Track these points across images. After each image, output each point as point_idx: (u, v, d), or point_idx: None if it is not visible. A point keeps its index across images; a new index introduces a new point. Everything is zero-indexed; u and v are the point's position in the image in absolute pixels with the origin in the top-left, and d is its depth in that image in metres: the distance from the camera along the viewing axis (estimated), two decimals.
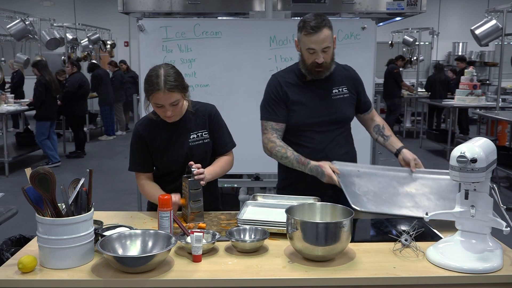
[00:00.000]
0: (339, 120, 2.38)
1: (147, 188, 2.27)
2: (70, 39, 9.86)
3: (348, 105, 2.40)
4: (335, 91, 2.36)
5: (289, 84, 2.35)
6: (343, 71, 2.43)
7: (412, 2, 3.77)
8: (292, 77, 2.37)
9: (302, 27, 2.21)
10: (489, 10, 6.62)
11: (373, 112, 2.55)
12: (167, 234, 1.77)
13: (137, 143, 2.26)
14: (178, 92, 2.09)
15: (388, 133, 2.48)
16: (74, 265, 1.66)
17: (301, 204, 1.94)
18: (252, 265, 1.69)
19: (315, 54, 2.21)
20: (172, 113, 2.14)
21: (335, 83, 2.38)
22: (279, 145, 2.32)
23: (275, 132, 2.35)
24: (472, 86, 7.80)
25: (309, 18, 2.20)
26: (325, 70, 2.27)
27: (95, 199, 1.79)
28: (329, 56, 2.26)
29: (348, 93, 2.39)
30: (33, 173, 1.63)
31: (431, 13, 11.72)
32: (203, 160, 2.25)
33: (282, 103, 2.34)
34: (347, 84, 2.40)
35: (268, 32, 3.63)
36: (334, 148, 2.36)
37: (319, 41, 2.18)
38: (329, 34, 2.20)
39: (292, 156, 2.29)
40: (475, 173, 1.64)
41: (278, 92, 2.35)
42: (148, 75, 2.11)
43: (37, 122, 7.24)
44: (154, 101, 2.10)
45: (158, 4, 3.84)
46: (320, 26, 2.17)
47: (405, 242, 1.81)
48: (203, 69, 3.68)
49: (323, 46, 2.20)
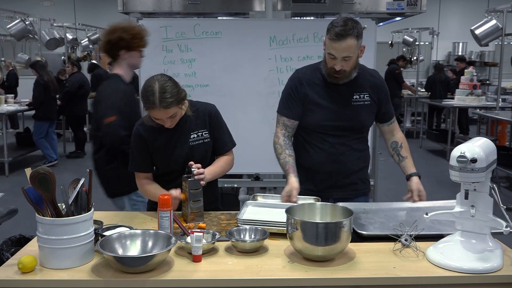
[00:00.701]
0: (356, 127, 2.34)
1: (147, 187, 2.28)
2: (70, 39, 9.85)
3: (367, 113, 2.35)
4: (356, 97, 2.31)
5: (311, 83, 2.32)
6: (369, 77, 2.35)
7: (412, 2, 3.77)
8: (316, 76, 2.33)
9: (328, 30, 2.14)
10: (489, 10, 6.63)
11: (393, 126, 2.46)
12: (167, 234, 1.77)
13: (137, 143, 2.26)
14: (175, 106, 2.08)
15: (405, 154, 2.40)
16: (74, 265, 1.66)
17: (301, 204, 1.94)
18: (252, 265, 1.69)
19: (334, 60, 2.16)
20: (171, 123, 2.15)
21: (357, 88, 2.31)
22: (279, 144, 2.34)
23: (285, 128, 2.36)
24: (472, 86, 7.80)
25: (337, 23, 2.11)
26: (343, 77, 2.23)
27: (95, 199, 1.79)
28: (350, 65, 2.19)
29: (370, 100, 2.33)
30: (33, 173, 1.63)
31: (431, 13, 11.71)
32: (203, 159, 2.25)
33: (299, 101, 2.32)
34: (370, 91, 2.33)
35: (268, 32, 3.63)
36: (346, 153, 2.34)
37: (341, 49, 2.11)
38: (353, 44, 2.11)
39: (282, 160, 2.31)
40: (475, 173, 1.64)
41: (297, 89, 2.33)
42: (143, 90, 2.08)
43: (36, 122, 7.25)
44: (152, 115, 2.12)
45: (158, 4, 3.84)
46: (345, 35, 2.08)
47: (405, 242, 1.81)
48: (203, 69, 3.67)
49: (344, 55, 2.13)
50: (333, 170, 2.33)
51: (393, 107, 2.53)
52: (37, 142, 7.26)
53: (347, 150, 2.34)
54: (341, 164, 2.32)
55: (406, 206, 2.30)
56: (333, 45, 2.12)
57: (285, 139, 2.36)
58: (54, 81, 7.35)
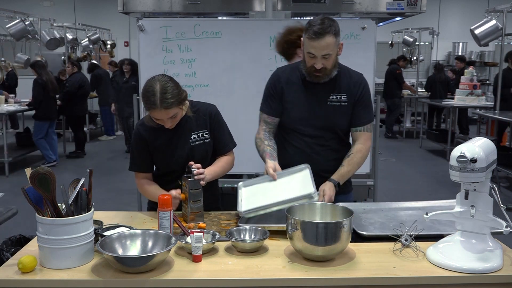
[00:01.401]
0: (331, 128, 2.32)
1: (146, 187, 2.28)
2: (70, 39, 9.85)
3: (341, 114, 2.31)
4: (332, 97, 2.30)
5: (289, 81, 2.34)
6: (349, 78, 2.32)
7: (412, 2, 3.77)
8: (295, 74, 2.35)
9: (306, 29, 2.16)
10: (489, 10, 6.62)
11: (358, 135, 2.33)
12: (167, 234, 1.77)
13: (138, 143, 2.26)
14: (176, 107, 2.09)
15: (344, 163, 2.28)
16: (74, 265, 1.66)
17: (301, 204, 1.94)
18: (252, 265, 1.69)
19: (314, 59, 2.17)
20: (171, 124, 2.15)
21: (335, 89, 2.30)
22: (259, 138, 2.39)
23: (266, 124, 2.41)
24: (472, 86, 7.80)
25: (315, 22, 2.13)
26: (323, 76, 2.23)
27: (95, 199, 1.79)
28: (330, 63, 2.20)
29: (347, 102, 2.30)
30: (33, 173, 1.63)
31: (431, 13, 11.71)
32: (204, 160, 2.25)
33: (277, 99, 2.36)
34: (348, 92, 2.30)
35: (268, 32, 3.63)
36: (322, 153, 2.33)
37: (320, 48, 2.13)
38: (332, 42, 2.12)
39: (261, 151, 2.34)
40: (475, 173, 1.64)
41: (276, 87, 2.36)
42: (144, 90, 2.08)
43: (36, 122, 7.25)
44: (152, 116, 2.12)
45: (158, 4, 3.84)
46: (324, 33, 2.10)
47: (405, 242, 1.81)
48: (203, 69, 3.67)
49: (323, 53, 2.14)
50: None
51: (393, 107, 2.52)
52: (37, 143, 7.26)
53: (323, 150, 2.33)
54: (316, 164, 2.28)
55: (406, 206, 2.30)
56: (312, 44, 2.14)
57: (265, 133, 2.40)
58: (53, 81, 7.34)
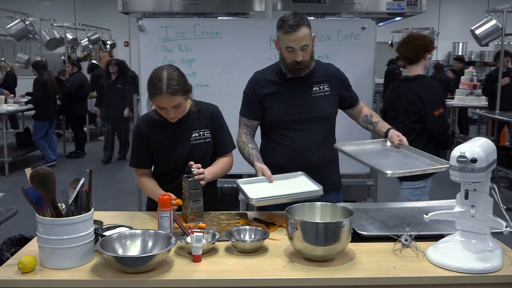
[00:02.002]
0: (318, 118, 2.37)
1: (145, 183, 2.29)
2: (70, 39, 9.85)
3: (329, 103, 2.39)
4: (315, 89, 2.36)
5: (268, 82, 2.38)
6: (325, 69, 2.43)
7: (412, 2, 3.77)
8: (272, 74, 2.39)
9: (280, 26, 2.23)
10: (489, 10, 6.62)
11: (361, 105, 2.53)
12: (167, 234, 1.77)
13: (138, 140, 2.27)
14: (181, 95, 2.10)
15: (376, 120, 2.47)
16: (74, 265, 1.66)
17: (301, 204, 1.93)
18: (252, 265, 1.69)
19: (294, 52, 2.22)
20: (175, 115, 2.15)
21: (316, 80, 2.37)
22: (242, 141, 2.41)
23: (246, 127, 2.44)
24: (472, 86, 7.80)
25: (288, 17, 2.21)
26: (304, 68, 2.29)
27: (95, 199, 1.79)
28: (308, 54, 2.26)
29: (330, 90, 2.38)
30: (33, 173, 1.63)
31: (431, 13, 11.72)
32: (204, 159, 2.25)
33: (256, 102, 2.38)
34: (329, 82, 2.39)
35: (268, 32, 3.62)
36: (311, 148, 2.36)
37: (298, 40, 2.19)
38: (308, 33, 2.21)
39: (246, 154, 2.36)
40: (475, 173, 1.64)
41: (254, 90, 2.39)
42: (151, 78, 2.11)
43: (36, 122, 7.25)
44: (157, 104, 2.12)
45: (158, 4, 3.84)
46: (298, 25, 2.18)
47: (405, 242, 1.81)
48: (203, 69, 3.67)
49: (302, 44, 2.20)
50: (298, 166, 2.33)
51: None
52: (37, 142, 7.27)
53: (311, 145, 2.36)
54: (305, 159, 2.34)
55: (406, 206, 2.30)
56: (290, 38, 2.20)
57: (247, 136, 2.42)
58: (53, 81, 7.35)
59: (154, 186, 2.26)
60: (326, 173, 2.40)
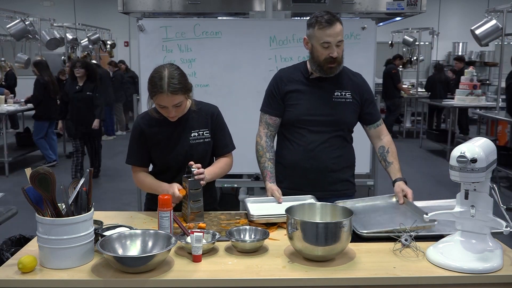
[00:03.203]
0: (336, 123, 2.35)
1: (142, 178, 2.28)
2: (70, 39, 9.85)
3: (348, 110, 2.37)
4: (337, 94, 2.34)
5: (292, 80, 2.37)
6: (351, 76, 2.41)
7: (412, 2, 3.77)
8: (297, 73, 2.39)
9: (315, 22, 2.22)
10: (489, 10, 6.62)
11: (380, 129, 2.44)
12: (167, 234, 1.77)
13: (136, 137, 2.27)
14: (182, 94, 2.10)
15: (391, 160, 2.38)
16: (74, 265, 1.66)
17: (301, 204, 1.94)
18: (252, 265, 1.69)
19: (330, 48, 2.22)
20: (176, 114, 2.15)
21: (339, 86, 2.35)
22: (261, 145, 2.41)
23: (267, 127, 2.43)
24: (472, 86, 7.80)
25: (321, 14, 2.22)
26: (337, 65, 2.28)
27: (95, 199, 1.79)
28: (342, 51, 2.26)
29: (351, 98, 2.36)
30: (33, 173, 1.63)
31: (431, 13, 11.72)
32: (203, 159, 2.25)
33: (280, 99, 2.38)
34: (352, 90, 2.37)
35: (268, 32, 3.63)
36: (325, 150, 2.34)
37: (334, 34, 2.20)
38: (342, 29, 2.22)
39: (262, 164, 2.38)
40: (475, 173, 1.64)
41: (279, 87, 2.38)
42: (152, 76, 2.11)
43: (36, 122, 7.25)
44: (158, 102, 2.12)
45: (158, 4, 3.84)
46: (334, 20, 2.20)
47: (405, 242, 1.81)
48: (203, 69, 3.67)
49: (338, 39, 2.21)
50: (310, 166, 2.34)
51: (393, 107, 2.54)
52: (37, 142, 7.28)
53: (326, 147, 2.35)
54: (318, 161, 2.33)
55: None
56: (327, 32, 2.19)
57: (267, 140, 2.41)
58: (55, 82, 7.34)
59: (153, 180, 2.25)
60: (339, 177, 2.40)
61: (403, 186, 2.27)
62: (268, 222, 2.05)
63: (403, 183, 2.29)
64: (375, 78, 3.88)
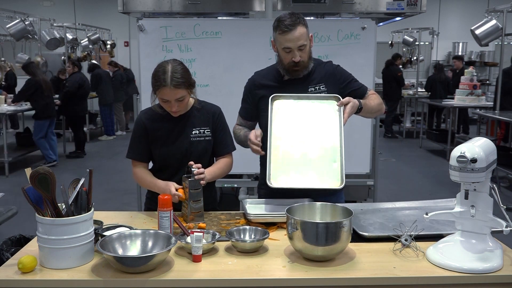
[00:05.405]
0: None
1: (142, 174, 2.29)
2: (70, 39, 9.85)
3: None
4: (310, 89, 2.32)
5: (264, 84, 2.36)
6: (322, 68, 2.36)
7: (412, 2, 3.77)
8: (270, 77, 2.37)
9: (276, 27, 2.20)
10: (489, 10, 6.63)
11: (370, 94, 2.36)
12: (167, 234, 1.77)
13: (138, 131, 2.29)
14: (184, 89, 2.13)
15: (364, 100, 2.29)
16: (74, 265, 1.66)
17: (301, 204, 1.94)
18: (252, 265, 1.69)
19: (292, 53, 2.19)
20: (178, 108, 2.17)
21: (312, 81, 2.33)
22: (238, 128, 2.43)
23: (241, 125, 2.45)
24: (472, 86, 7.79)
25: (284, 17, 2.18)
26: (302, 69, 2.25)
27: (95, 199, 1.79)
28: (306, 55, 2.23)
29: (326, 90, 2.32)
30: (33, 173, 1.63)
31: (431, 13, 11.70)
32: (203, 157, 2.25)
33: (252, 103, 2.39)
34: (325, 81, 2.32)
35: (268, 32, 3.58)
36: None
37: (294, 39, 2.16)
38: (304, 32, 2.17)
39: (243, 135, 2.35)
40: (475, 173, 1.64)
41: (252, 93, 2.39)
42: (155, 70, 2.15)
43: (36, 121, 7.26)
44: (161, 96, 2.14)
45: (158, 4, 3.84)
46: (295, 24, 2.15)
47: (405, 242, 1.81)
48: (203, 69, 3.68)
49: (299, 44, 2.17)
50: None
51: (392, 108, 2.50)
52: (37, 142, 7.28)
53: None
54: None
55: (405, 206, 2.30)
56: (287, 38, 2.16)
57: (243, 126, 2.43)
58: (47, 81, 7.34)
59: (152, 177, 2.26)
60: None
61: (351, 99, 2.18)
62: (265, 221, 2.05)
63: (355, 99, 2.19)
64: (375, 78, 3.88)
